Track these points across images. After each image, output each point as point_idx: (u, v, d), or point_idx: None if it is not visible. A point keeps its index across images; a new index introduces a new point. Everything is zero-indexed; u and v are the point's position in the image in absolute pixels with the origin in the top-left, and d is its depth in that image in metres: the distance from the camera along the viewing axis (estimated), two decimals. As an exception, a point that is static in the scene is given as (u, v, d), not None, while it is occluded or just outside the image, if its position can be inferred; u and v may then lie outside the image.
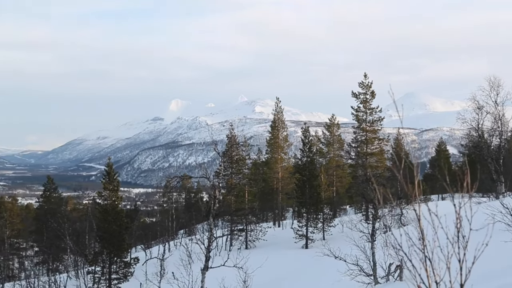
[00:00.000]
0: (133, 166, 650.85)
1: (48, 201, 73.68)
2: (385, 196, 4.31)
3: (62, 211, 69.32)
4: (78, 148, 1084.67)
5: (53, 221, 56.30)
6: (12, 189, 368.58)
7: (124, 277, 33.80)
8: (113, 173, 36.39)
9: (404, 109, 4.10)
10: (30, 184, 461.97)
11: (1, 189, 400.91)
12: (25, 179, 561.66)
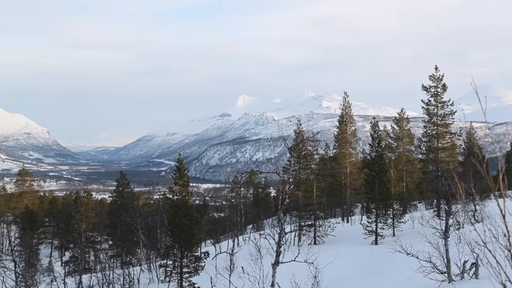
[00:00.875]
0: (201, 162, 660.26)
1: (121, 196, 75.88)
2: (459, 192, 4.20)
3: (134, 205, 71.14)
4: (148, 144, 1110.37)
5: (126, 216, 57.90)
6: (87, 184, 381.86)
7: (195, 271, 34.36)
8: (184, 169, 36.98)
9: (477, 102, 3.97)
10: (103, 180, 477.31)
11: (77, 184, 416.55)
12: (99, 175, 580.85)
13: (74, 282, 35.69)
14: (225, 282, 25.96)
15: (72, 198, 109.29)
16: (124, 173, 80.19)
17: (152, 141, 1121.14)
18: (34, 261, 64.97)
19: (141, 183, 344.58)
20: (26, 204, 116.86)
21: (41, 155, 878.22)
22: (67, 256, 75.31)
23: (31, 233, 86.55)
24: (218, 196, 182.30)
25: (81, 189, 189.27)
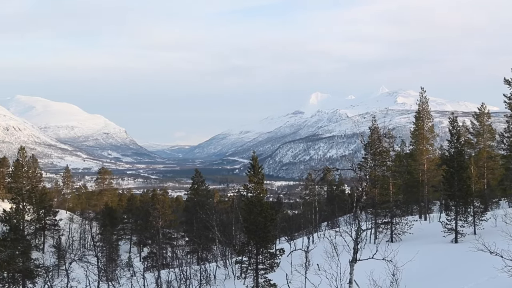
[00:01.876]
0: (274, 159, 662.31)
1: (197, 193, 77.09)
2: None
3: (210, 203, 72.10)
4: (222, 143, 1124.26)
5: (202, 213, 58.79)
6: (163, 182, 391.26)
7: (271, 268, 34.39)
8: (258, 166, 37.07)
9: None
10: (178, 178, 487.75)
11: (153, 182, 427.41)
12: (174, 173, 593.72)
13: (153, 277, 36.51)
14: (301, 279, 25.83)
15: (149, 196, 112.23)
16: (199, 171, 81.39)
17: (225, 139, 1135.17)
18: (114, 257, 67.13)
19: (216, 181, 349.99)
20: (106, 201, 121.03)
21: (119, 154, 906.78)
22: (145, 252, 77.35)
23: (111, 229, 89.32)
24: (292, 194, 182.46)
25: (158, 187, 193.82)
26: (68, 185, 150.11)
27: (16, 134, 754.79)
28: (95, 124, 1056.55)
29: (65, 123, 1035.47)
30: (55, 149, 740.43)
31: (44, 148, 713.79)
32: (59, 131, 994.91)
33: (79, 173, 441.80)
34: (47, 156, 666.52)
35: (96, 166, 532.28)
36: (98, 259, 34.89)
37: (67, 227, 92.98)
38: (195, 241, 66.07)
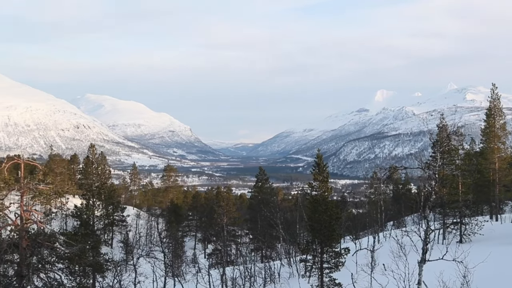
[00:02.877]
0: (338, 158, 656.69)
1: (261, 191, 77.24)
2: None
3: (274, 201, 72.12)
4: (285, 141, 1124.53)
5: (266, 211, 58.87)
6: (227, 180, 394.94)
7: (336, 267, 34.04)
8: (323, 164, 36.74)
9: None
10: (242, 175, 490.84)
11: (218, 180, 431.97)
12: (238, 170, 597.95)
13: (218, 274, 36.84)
14: (367, 278, 25.46)
15: (213, 193, 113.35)
16: (263, 169, 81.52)
17: (289, 137, 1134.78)
18: (180, 253, 68.14)
19: (279, 179, 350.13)
20: (171, 198, 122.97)
21: (184, 152, 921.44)
22: (210, 249, 78.27)
23: (176, 226, 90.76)
24: (356, 192, 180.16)
25: (222, 184, 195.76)
26: (135, 182, 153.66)
27: (86, 132, 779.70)
28: (161, 122, 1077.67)
29: (132, 121, 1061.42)
30: (122, 146, 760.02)
31: (112, 145, 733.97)
32: (126, 129, 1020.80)
33: (146, 170, 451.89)
34: (115, 153, 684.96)
35: (161, 164, 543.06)
36: (164, 255, 35.50)
37: (134, 223, 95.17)
38: (259, 239, 66.25)
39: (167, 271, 32.86)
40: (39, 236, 25.45)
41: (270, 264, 42.69)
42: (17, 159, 26.09)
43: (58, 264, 26.32)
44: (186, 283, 34.60)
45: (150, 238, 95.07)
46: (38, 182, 26.32)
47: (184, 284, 33.96)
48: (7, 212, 26.22)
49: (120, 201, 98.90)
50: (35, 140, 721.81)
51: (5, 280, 24.73)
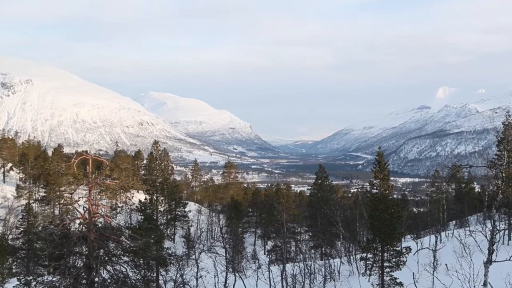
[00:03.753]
0: (399, 156, 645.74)
1: (320, 188, 77.01)
2: None
3: (334, 198, 71.81)
4: (345, 138, 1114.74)
5: (326, 208, 58.73)
6: (286, 177, 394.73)
7: (397, 266, 33.74)
8: (384, 162, 36.44)
9: None
10: (301, 173, 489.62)
11: (277, 177, 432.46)
12: (297, 168, 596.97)
13: (278, 270, 37.10)
14: (429, 278, 25.11)
15: (273, 190, 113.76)
16: (323, 166, 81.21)
17: (348, 134, 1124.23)
18: (240, 249, 68.85)
19: (338, 177, 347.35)
20: (231, 194, 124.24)
21: (244, 149, 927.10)
22: (270, 245, 78.63)
23: (236, 222, 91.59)
24: (417, 191, 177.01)
25: (281, 181, 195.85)
26: (197, 178, 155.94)
27: (149, 129, 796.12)
28: (222, 120, 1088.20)
29: (194, 119, 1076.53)
30: (184, 143, 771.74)
31: (174, 142, 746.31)
32: (188, 126, 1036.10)
33: (206, 167, 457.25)
34: (177, 150, 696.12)
35: (222, 160, 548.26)
36: (226, 251, 36.04)
37: (195, 218, 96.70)
38: (319, 236, 66.15)
39: (228, 267, 33.38)
40: (106, 230, 26.33)
41: (330, 262, 42.63)
42: (85, 155, 27.08)
43: (124, 257, 27.10)
44: (246, 279, 35.02)
45: (211, 233, 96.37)
46: (105, 177, 27.17)
47: (244, 280, 34.37)
48: (76, 206, 27.20)
49: (182, 196, 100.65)
50: (101, 136, 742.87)
51: (74, 271, 25.67)
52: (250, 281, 34.53)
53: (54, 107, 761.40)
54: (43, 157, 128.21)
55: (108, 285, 26.01)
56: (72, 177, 27.00)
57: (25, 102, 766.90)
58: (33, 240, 64.08)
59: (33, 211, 74.55)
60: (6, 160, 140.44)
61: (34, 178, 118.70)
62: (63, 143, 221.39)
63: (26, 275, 37.59)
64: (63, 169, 30.01)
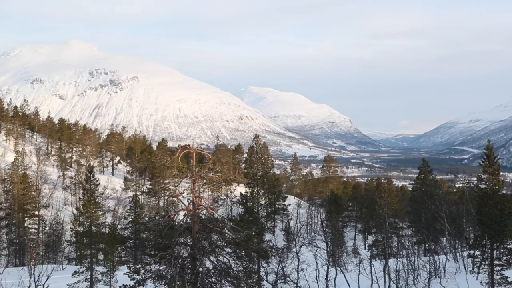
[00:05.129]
0: (508, 150, 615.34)
1: (424, 183, 74.85)
2: None
3: (438, 193, 69.54)
4: (449, 132, 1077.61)
5: (430, 203, 56.99)
6: (387, 171, 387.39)
7: (508, 264, 32.06)
8: (493, 156, 34.81)
9: None
10: (403, 167, 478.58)
11: (377, 171, 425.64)
12: (399, 162, 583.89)
13: (380, 266, 36.41)
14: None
15: (374, 184, 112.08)
16: (426, 160, 78.89)
17: (453, 128, 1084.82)
18: (341, 243, 68.36)
19: (442, 171, 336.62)
20: (331, 188, 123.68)
21: (343, 143, 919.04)
22: (370, 240, 77.46)
23: (336, 216, 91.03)
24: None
25: (382, 175, 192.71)
26: (296, 172, 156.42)
27: (249, 123, 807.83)
28: (321, 113, 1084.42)
29: (293, 113, 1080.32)
30: (283, 137, 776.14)
31: (273, 136, 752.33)
32: (287, 120, 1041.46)
33: (305, 161, 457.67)
34: (276, 144, 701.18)
35: (321, 154, 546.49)
36: (327, 244, 35.88)
37: (295, 212, 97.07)
38: (422, 232, 64.33)
39: (329, 260, 33.20)
40: (210, 222, 26.92)
41: (435, 258, 41.26)
42: (189, 149, 27.80)
43: (226, 248, 27.61)
44: (348, 273, 34.60)
45: (311, 227, 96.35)
46: (208, 170, 27.77)
47: (346, 274, 34.02)
48: (181, 198, 27.99)
49: (282, 190, 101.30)
50: (203, 130, 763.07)
51: (179, 261, 26.46)
52: (352, 275, 34.11)
53: (158, 102, 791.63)
54: (148, 151, 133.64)
55: (211, 275, 26.61)
56: (176, 170, 27.84)
57: (132, 98, 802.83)
58: (140, 230, 66.97)
59: (140, 203, 77.74)
60: (114, 153, 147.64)
61: (140, 171, 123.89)
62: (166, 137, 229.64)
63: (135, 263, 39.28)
64: (168, 163, 31.02)
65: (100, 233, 47.39)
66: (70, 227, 57.51)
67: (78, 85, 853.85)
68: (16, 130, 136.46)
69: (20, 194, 77.85)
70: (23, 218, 76.95)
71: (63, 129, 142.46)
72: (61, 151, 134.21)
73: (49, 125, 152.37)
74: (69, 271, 47.72)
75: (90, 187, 47.76)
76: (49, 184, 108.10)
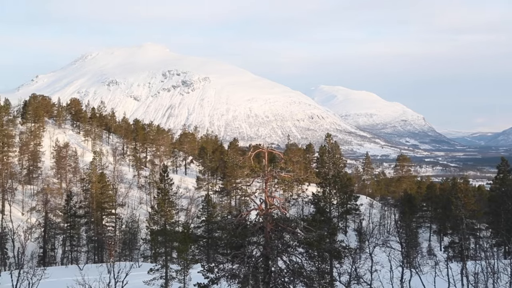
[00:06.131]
0: None
1: (503, 183, 72.09)
2: None
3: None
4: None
5: (510, 204, 54.85)
6: (463, 171, 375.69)
7: None
8: None
9: None
10: (480, 166, 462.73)
11: (453, 170, 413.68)
12: (475, 161, 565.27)
13: (457, 268, 35.30)
14: None
15: (449, 184, 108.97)
16: (506, 159, 75.88)
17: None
18: (415, 244, 66.85)
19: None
20: (404, 188, 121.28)
21: (416, 141, 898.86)
22: (446, 241, 75.40)
23: (410, 216, 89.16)
24: None
25: (457, 175, 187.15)
26: (368, 171, 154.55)
27: (320, 122, 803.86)
28: (393, 112, 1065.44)
29: (364, 111, 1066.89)
30: (354, 136, 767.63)
31: (344, 135, 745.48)
32: (358, 119, 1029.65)
33: (377, 160, 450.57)
34: (347, 143, 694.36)
35: (393, 153, 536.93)
36: (401, 245, 35.11)
37: (367, 212, 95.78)
38: (502, 233, 61.95)
39: (403, 262, 32.49)
40: (282, 221, 26.90)
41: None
42: (261, 148, 27.90)
43: (299, 248, 27.50)
44: (423, 275, 33.75)
45: (384, 227, 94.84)
46: (280, 169, 27.76)
47: (421, 276, 33.19)
48: (253, 198, 28.08)
49: (353, 190, 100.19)
50: (273, 130, 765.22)
51: (252, 261, 26.56)
52: (428, 277, 33.22)
53: (229, 102, 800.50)
54: (220, 150, 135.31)
55: (284, 275, 26.60)
56: (249, 169, 27.97)
57: (203, 98, 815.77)
58: (212, 229, 67.85)
59: (212, 202, 78.77)
60: (187, 153, 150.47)
61: (212, 170, 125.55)
62: (237, 137, 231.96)
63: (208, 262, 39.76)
64: (240, 162, 31.20)
65: (174, 231, 48.27)
66: (145, 225, 58.95)
67: (152, 86, 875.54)
68: (94, 131, 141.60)
69: (98, 193, 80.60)
70: (101, 216, 79.61)
71: (137, 130, 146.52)
72: (136, 151, 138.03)
73: (124, 125, 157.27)
74: (145, 269, 48.97)
75: (164, 187, 48.76)
76: (125, 183, 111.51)
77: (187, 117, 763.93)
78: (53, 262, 73.05)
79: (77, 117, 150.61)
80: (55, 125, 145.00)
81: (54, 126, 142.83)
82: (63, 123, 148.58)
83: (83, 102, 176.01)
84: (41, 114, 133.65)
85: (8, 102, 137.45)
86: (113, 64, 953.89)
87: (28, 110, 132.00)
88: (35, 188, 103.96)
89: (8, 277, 35.60)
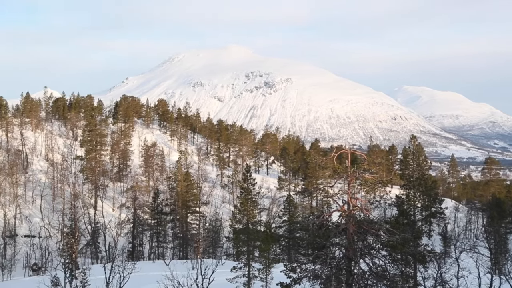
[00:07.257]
0: None
1: None
2: None
3: None
4: None
5: None
6: None
7: None
8: None
9: None
10: None
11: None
12: None
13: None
14: None
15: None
16: None
17: None
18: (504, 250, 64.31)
19: None
20: (492, 192, 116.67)
21: (506, 144, 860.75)
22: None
23: (499, 221, 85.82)
24: None
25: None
26: (453, 174, 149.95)
27: (403, 124, 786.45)
28: (480, 113, 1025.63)
29: (450, 112, 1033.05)
30: (439, 138, 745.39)
31: (428, 137, 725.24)
32: (443, 120, 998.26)
33: (463, 163, 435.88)
34: (432, 144, 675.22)
35: (481, 156, 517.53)
36: (490, 251, 34.10)
37: (452, 215, 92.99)
38: None
39: (493, 268, 31.47)
40: (365, 223, 26.77)
41: None
42: (344, 149, 27.92)
43: (382, 251, 27.27)
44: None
45: (470, 232, 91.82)
46: (363, 171, 27.65)
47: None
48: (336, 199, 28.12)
49: (438, 193, 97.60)
50: (355, 131, 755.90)
51: (334, 262, 26.61)
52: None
53: (311, 103, 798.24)
54: (301, 151, 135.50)
55: (367, 277, 26.48)
56: (332, 170, 28.04)
57: (285, 99, 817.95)
58: (294, 229, 68.11)
59: (294, 202, 78.99)
60: (269, 153, 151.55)
61: (294, 171, 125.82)
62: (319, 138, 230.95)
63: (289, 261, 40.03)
64: (323, 163, 31.26)
65: (257, 230, 48.89)
66: (229, 224, 60.00)
67: (235, 87, 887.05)
68: (180, 131, 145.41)
69: (183, 191, 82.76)
70: (186, 214, 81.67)
71: (221, 130, 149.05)
72: (219, 151, 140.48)
73: (208, 126, 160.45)
74: (228, 266, 49.85)
75: (247, 186, 49.46)
76: (209, 182, 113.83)
77: (269, 118, 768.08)
78: (141, 257, 75.80)
79: (164, 118, 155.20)
80: (144, 125, 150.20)
81: (142, 126, 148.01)
82: (151, 123, 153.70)
83: (169, 103, 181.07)
84: (131, 115, 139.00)
85: (101, 103, 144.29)
86: (198, 66, 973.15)
87: (119, 110, 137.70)
88: (124, 185, 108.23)
89: (100, 270, 37.41)
